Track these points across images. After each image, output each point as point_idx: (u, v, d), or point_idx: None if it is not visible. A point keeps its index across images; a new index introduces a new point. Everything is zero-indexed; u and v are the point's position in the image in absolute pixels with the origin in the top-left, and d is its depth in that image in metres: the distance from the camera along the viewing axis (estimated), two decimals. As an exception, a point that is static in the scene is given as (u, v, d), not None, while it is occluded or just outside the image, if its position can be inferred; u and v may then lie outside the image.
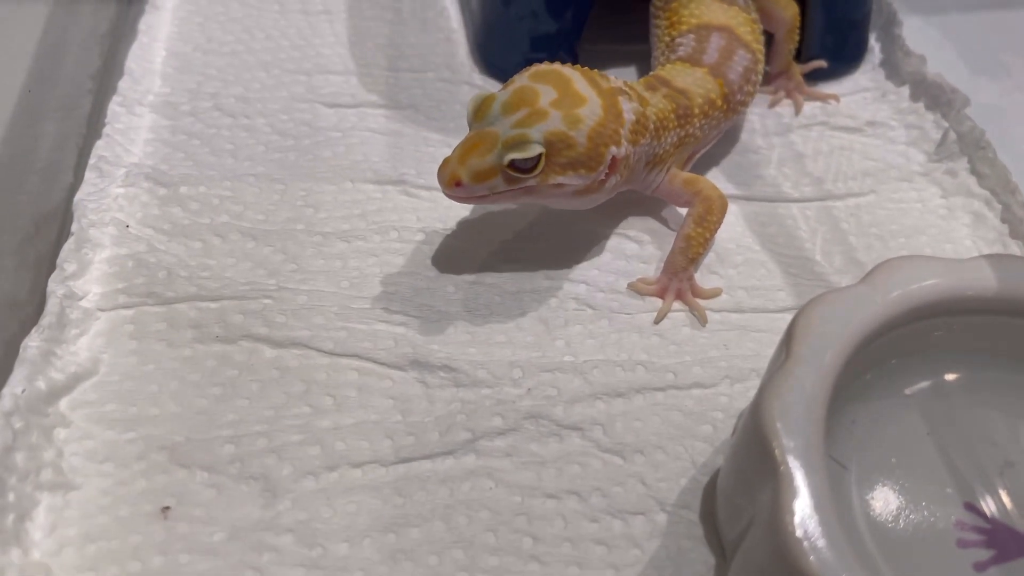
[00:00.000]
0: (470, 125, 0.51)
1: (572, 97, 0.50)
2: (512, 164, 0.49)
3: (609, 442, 0.48)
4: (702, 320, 0.54)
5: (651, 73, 0.60)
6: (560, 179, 0.50)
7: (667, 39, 0.63)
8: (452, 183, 0.49)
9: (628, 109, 0.52)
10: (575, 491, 0.46)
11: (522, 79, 0.52)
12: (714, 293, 0.55)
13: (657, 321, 0.54)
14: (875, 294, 0.42)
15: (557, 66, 0.52)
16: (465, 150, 0.49)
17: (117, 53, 0.71)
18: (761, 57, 0.63)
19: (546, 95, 0.50)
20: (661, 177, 0.57)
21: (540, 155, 0.49)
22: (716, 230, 0.56)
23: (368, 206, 0.60)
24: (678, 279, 0.55)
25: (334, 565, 0.43)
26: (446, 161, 0.50)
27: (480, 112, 0.50)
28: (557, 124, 0.49)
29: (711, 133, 0.60)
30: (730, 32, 0.61)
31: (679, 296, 0.55)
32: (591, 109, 0.50)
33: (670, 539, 0.45)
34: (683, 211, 0.57)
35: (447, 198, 0.50)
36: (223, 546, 0.43)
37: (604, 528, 0.45)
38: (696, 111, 0.57)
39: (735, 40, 0.61)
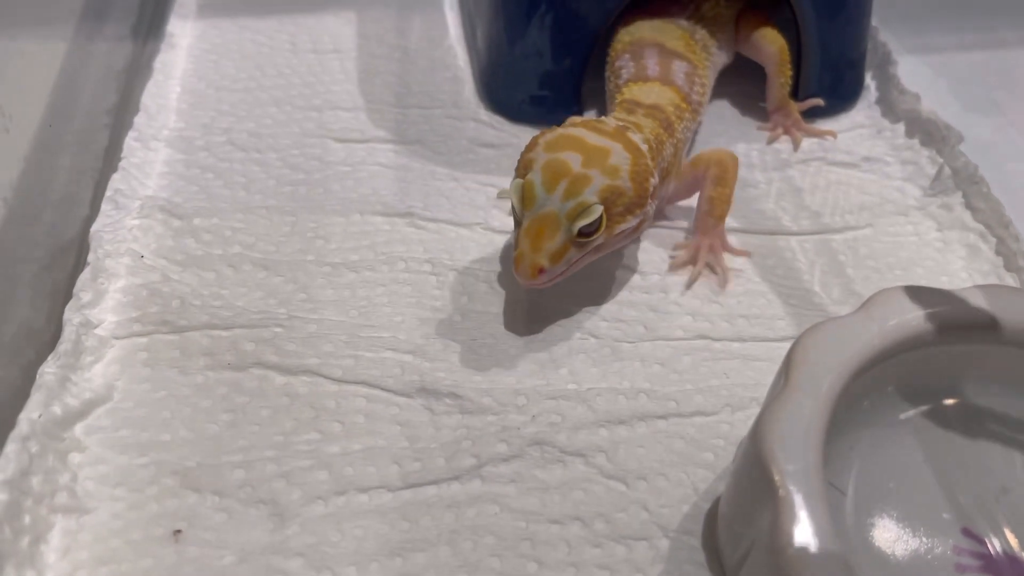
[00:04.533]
0: (520, 216, 0.52)
1: (596, 152, 0.52)
2: (580, 232, 0.51)
3: (612, 469, 0.49)
4: (725, 279, 0.58)
5: (618, 100, 0.62)
6: (621, 227, 0.53)
7: (612, 66, 0.66)
8: (536, 273, 0.50)
9: (639, 140, 0.55)
10: (579, 517, 0.47)
11: (539, 156, 0.53)
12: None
13: (688, 285, 0.58)
14: (872, 322, 0.43)
15: (559, 131, 0.54)
16: (533, 239, 0.51)
17: (133, 90, 0.73)
18: (699, 64, 0.65)
19: (574, 160, 0.52)
20: (669, 187, 0.60)
21: (602, 214, 0.51)
22: (734, 185, 0.59)
23: (376, 238, 0.61)
24: (710, 237, 0.58)
25: (342, 588, 0.44)
26: (520, 255, 0.51)
27: (527, 200, 0.52)
28: (603, 180, 0.51)
29: (687, 135, 0.63)
30: (661, 47, 0.65)
31: (712, 250, 0.58)
32: (618, 155, 0.52)
33: (672, 564, 0.45)
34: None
35: (526, 286, 0.52)
36: (233, 569, 0.44)
37: (607, 553, 0.45)
38: (673, 119, 0.60)
39: (667, 52, 0.64)
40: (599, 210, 0.51)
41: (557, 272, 0.51)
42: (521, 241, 0.51)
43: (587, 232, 0.51)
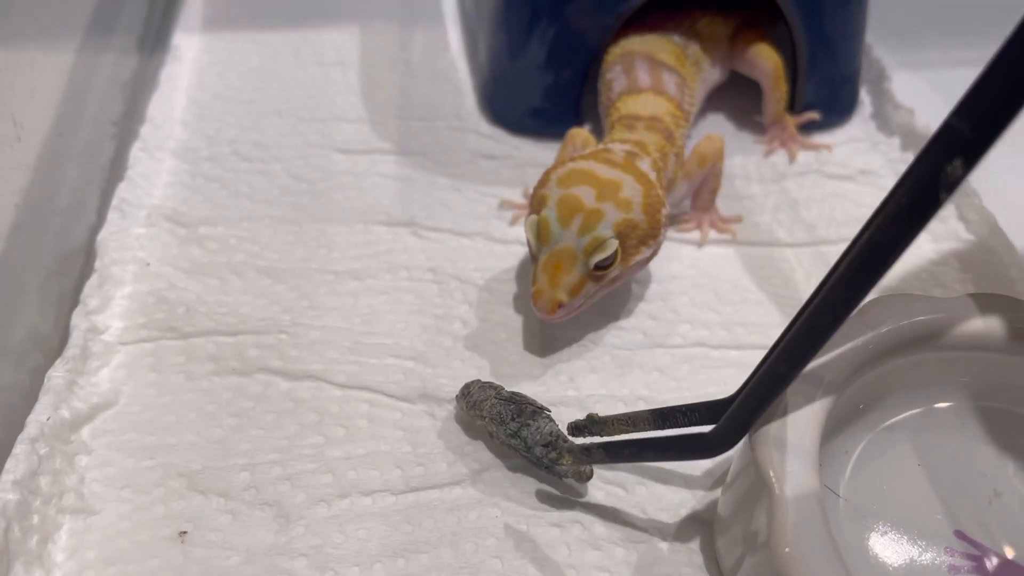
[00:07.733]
0: (536, 251, 0.53)
1: (608, 186, 0.53)
2: (596, 266, 0.51)
3: (611, 474, 0.49)
4: (733, 231, 0.64)
5: (614, 116, 0.63)
6: (636, 258, 0.54)
7: (604, 78, 0.67)
8: (555, 308, 0.51)
9: (647, 167, 0.56)
10: (578, 520, 0.47)
11: (553, 192, 0.54)
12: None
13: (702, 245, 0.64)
14: (866, 328, 0.44)
15: (570, 164, 0.55)
16: (551, 274, 0.51)
17: (139, 101, 0.74)
18: (689, 77, 0.67)
19: (587, 195, 0.53)
20: (681, 189, 0.62)
21: (617, 248, 0.52)
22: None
23: (379, 246, 0.62)
24: (709, 213, 0.65)
25: (345, 589, 0.44)
26: (538, 291, 0.51)
27: (543, 236, 0.52)
28: (617, 214, 0.52)
29: (684, 142, 0.64)
30: (651, 57, 0.66)
31: (712, 224, 0.64)
32: (630, 187, 0.53)
33: (671, 567, 0.46)
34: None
35: (546, 320, 0.52)
36: (238, 570, 0.44)
37: (606, 556, 0.46)
38: (672, 128, 0.61)
39: (656, 63, 0.66)
40: (614, 244, 0.51)
41: (575, 306, 0.52)
42: (539, 277, 0.52)
43: (603, 266, 0.52)
